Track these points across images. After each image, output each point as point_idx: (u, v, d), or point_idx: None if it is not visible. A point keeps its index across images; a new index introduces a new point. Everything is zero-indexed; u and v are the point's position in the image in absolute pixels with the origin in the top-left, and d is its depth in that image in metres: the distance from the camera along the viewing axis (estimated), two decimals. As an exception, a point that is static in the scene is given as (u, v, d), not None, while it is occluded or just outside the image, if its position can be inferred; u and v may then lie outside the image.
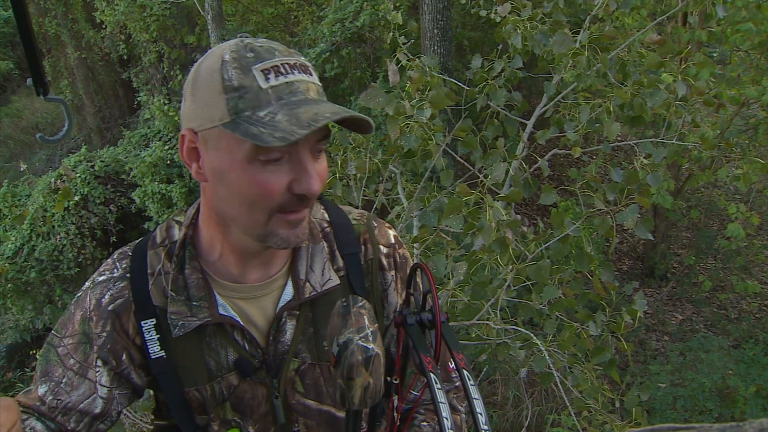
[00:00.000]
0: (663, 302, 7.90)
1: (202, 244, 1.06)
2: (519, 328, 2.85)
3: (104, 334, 1.04)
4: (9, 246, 8.15)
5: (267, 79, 0.89)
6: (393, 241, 1.18)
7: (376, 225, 1.17)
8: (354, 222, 1.16)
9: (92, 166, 8.66)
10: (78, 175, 8.40)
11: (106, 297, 1.05)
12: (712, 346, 6.69)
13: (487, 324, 2.78)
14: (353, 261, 1.13)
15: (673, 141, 3.08)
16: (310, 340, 1.10)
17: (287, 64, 0.91)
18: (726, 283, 8.11)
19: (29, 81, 1.46)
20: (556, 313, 2.76)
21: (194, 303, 1.03)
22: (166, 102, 9.26)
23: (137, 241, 1.10)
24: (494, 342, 2.83)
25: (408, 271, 1.19)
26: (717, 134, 5.63)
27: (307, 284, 1.08)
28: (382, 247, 1.16)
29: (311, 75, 0.94)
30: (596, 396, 2.83)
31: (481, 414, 0.78)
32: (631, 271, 8.44)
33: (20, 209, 8.26)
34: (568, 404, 2.89)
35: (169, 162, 8.68)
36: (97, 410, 1.05)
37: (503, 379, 5.66)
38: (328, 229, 1.13)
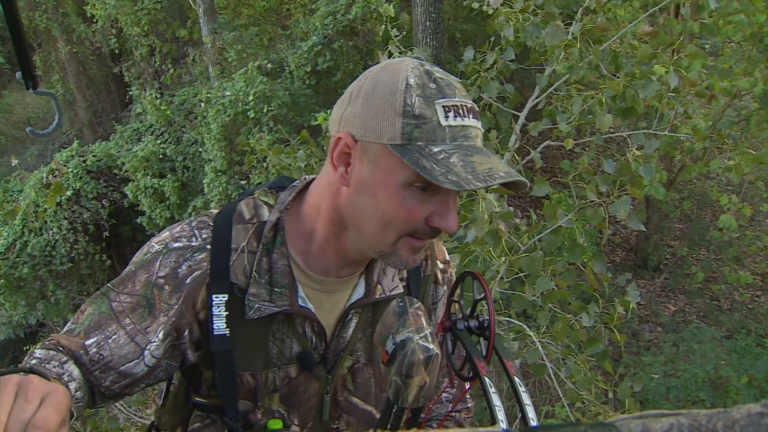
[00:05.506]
0: (656, 293, 7.93)
1: (295, 232, 1.05)
2: (512, 320, 2.86)
3: (175, 306, 1.01)
4: (1, 242, 8.09)
5: (447, 117, 0.90)
6: (447, 258, 1.24)
7: (434, 241, 1.20)
8: None
9: (84, 161, 8.60)
10: (70, 170, 8.34)
11: (183, 268, 1.02)
12: (705, 337, 6.73)
13: (480, 316, 2.78)
14: (415, 274, 1.17)
15: (666, 132, 3.08)
16: (367, 340, 1.12)
17: (465, 106, 0.92)
18: (718, 274, 8.14)
19: (18, 75, 1.45)
20: (549, 304, 2.77)
21: (276, 289, 1.03)
22: (158, 96, 9.21)
23: (217, 212, 1.07)
24: (488, 334, 2.83)
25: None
26: (709, 126, 5.64)
27: (379, 286, 1.11)
28: (439, 263, 1.21)
29: (479, 120, 0.95)
30: (589, 387, 2.85)
31: (533, 419, 0.81)
32: (624, 262, 8.47)
33: (12, 205, 8.21)
34: (561, 395, 2.91)
35: (161, 156, 8.64)
36: (137, 376, 1.02)
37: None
38: None
